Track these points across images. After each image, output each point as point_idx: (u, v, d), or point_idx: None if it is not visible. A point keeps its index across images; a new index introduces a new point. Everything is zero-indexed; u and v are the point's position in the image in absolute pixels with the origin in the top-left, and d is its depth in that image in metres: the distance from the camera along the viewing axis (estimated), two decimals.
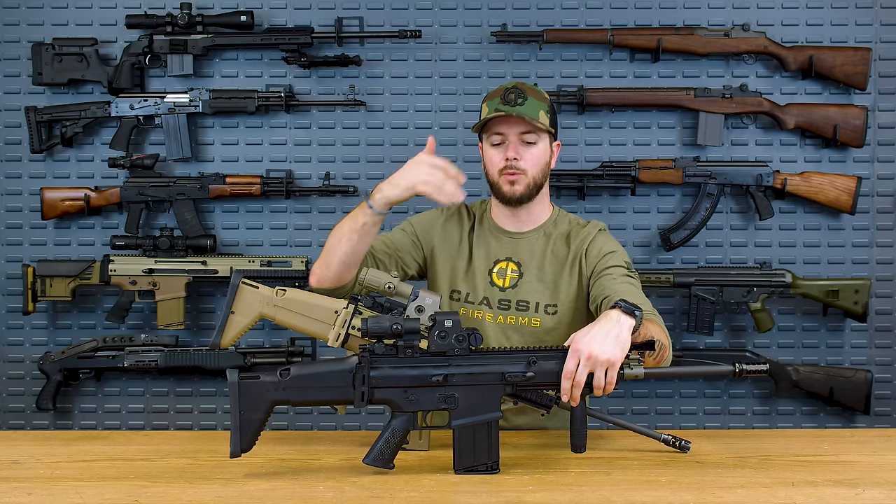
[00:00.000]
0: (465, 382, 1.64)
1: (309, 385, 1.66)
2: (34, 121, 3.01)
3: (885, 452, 1.83)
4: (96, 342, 2.97)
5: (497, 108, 2.01)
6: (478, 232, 2.16)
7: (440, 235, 2.17)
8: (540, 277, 2.09)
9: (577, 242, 2.12)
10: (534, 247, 2.12)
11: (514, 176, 2.04)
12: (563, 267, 2.10)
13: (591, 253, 2.09)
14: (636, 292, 1.97)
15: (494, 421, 1.63)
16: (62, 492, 1.57)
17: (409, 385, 1.63)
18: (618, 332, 1.65)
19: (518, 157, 2.03)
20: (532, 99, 2.03)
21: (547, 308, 2.07)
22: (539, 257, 2.11)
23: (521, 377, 1.64)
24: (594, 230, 2.14)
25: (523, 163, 2.04)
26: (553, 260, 2.11)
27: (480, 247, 2.14)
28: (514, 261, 2.11)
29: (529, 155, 2.04)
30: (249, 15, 2.99)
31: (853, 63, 2.95)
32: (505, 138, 2.04)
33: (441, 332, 1.64)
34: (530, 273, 2.09)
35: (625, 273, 2.02)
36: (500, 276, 2.10)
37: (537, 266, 2.10)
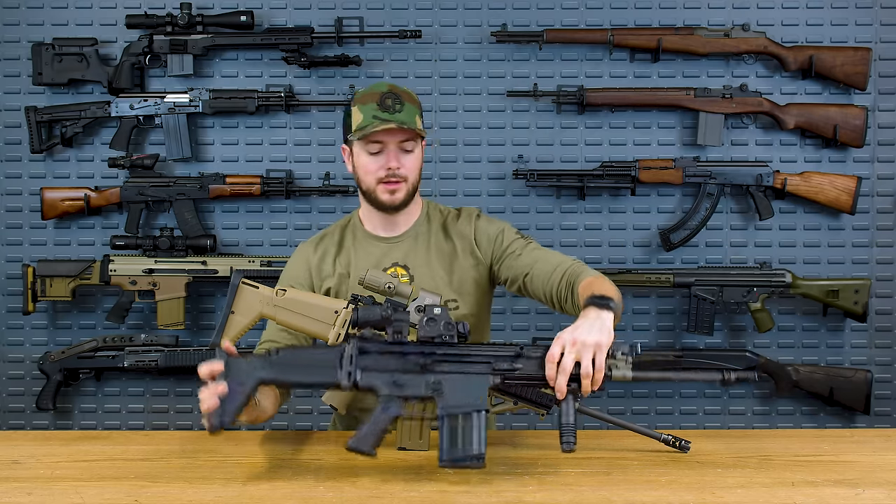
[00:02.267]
0: (452, 370, 1.63)
1: (296, 364, 1.64)
2: (34, 121, 3.01)
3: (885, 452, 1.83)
4: (96, 342, 2.97)
5: (375, 114, 1.95)
6: (353, 246, 2.11)
7: (314, 273, 2.10)
8: (431, 275, 2.06)
9: (459, 234, 2.10)
10: (414, 247, 2.09)
11: (396, 185, 2.00)
12: (452, 260, 2.07)
13: (483, 242, 2.09)
14: (547, 252, 2.03)
15: (481, 413, 1.61)
16: (62, 492, 1.57)
17: (395, 369, 1.62)
18: (601, 324, 1.69)
19: (399, 165, 1.99)
20: (408, 104, 1.98)
21: (448, 304, 2.04)
22: (423, 255, 2.08)
23: (508, 367, 1.63)
24: (472, 219, 2.12)
25: (403, 170, 2.00)
26: (439, 255, 2.08)
27: (361, 260, 2.08)
28: (400, 265, 2.07)
29: (409, 162, 2.01)
30: (249, 15, 2.99)
31: (853, 63, 2.95)
32: (384, 147, 1.99)
33: (430, 318, 1.64)
34: (421, 273, 2.06)
35: (524, 243, 2.06)
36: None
37: (424, 264, 2.07)
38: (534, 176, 2.97)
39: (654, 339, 3.10)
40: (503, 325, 3.10)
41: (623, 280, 2.97)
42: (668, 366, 1.73)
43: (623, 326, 3.10)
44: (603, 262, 3.07)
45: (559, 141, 3.07)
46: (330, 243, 2.14)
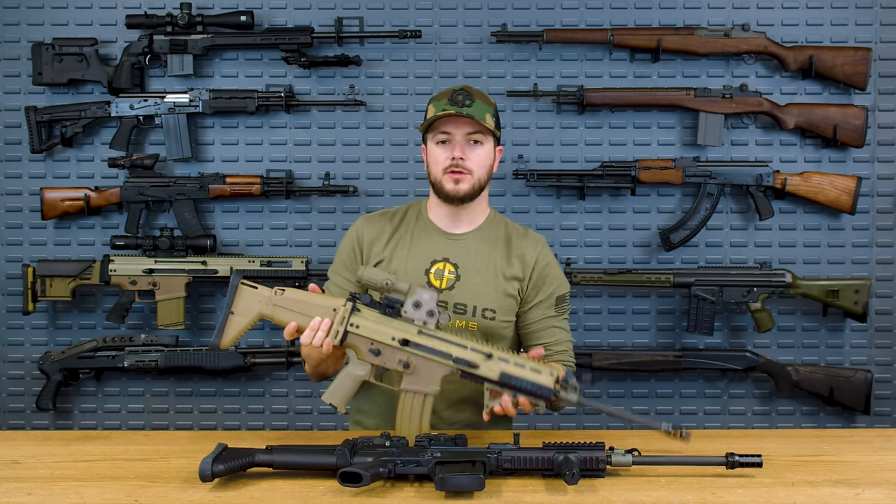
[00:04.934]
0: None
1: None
2: (34, 121, 3.02)
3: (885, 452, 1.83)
4: (96, 342, 2.97)
5: (444, 108, 2.02)
6: (413, 231, 2.13)
7: (366, 247, 2.13)
8: (478, 280, 2.07)
9: (520, 252, 2.12)
10: (472, 248, 2.10)
11: (460, 175, 2.03)
12: (503, 272, 2.09)
13: (535, 269, 2.11)
14: (564, 336, 2.16)
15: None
16: (62, 492, 1.57)
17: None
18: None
19: (464, 156, 2.03)
20: (479, 101, 2.04)
21: (485, 312, 2.05)
22: (477, 259, 2.09)
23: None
24: (540, 245, 2.15)
25: (469, 162, 2.04)
26: (492, 263, 2.09)
27: (416, 246, 2.11)
28: (451, 262, 2.08)
29: (475, 155, 2.05)
30: (249, 15, 2.99)
31: (853, 63, 2.95)
32: (451, 137, 2.04)
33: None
34: (468, 275, 2.07)
35: (563, 315, 2.16)
36: (437, 277, 2.07)
37: (475, 269, 2.08)
38: (534, 176, 2.97)
39: (654, 339, 3.10)
40: None
41: (623, 280, 2.97)
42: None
43: (623, 326, 3.10)
44: (603, 261, 3.07)
45: (559, 141, 3.07)
46: (389, 223, 2.16)
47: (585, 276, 2.96)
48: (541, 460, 1.60)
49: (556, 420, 3.10)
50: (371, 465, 1.57)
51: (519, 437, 1.64)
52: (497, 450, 1.61)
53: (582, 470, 1.58)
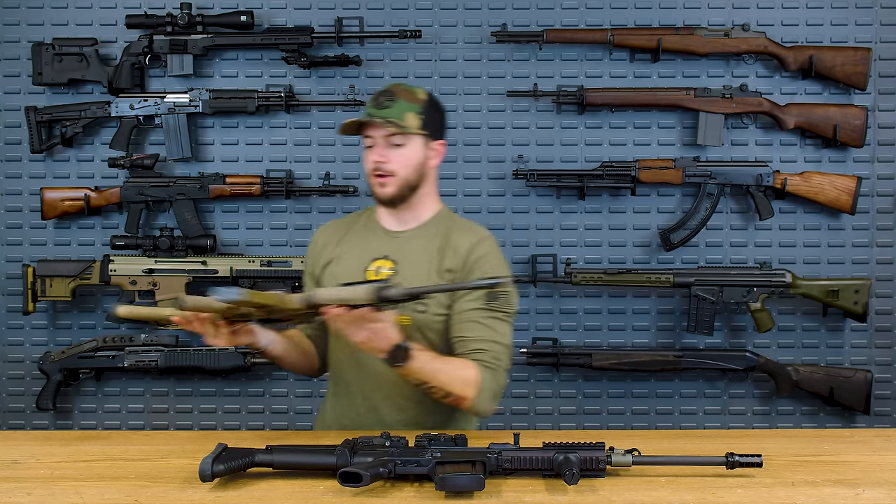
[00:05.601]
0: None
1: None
2: (34, 121, 3.02)
3: (885, 452, 1.83)
4: (96, 342, 2.97)
5: (367, 111, 2.03)
6: (361, 232, 2.16)
7: (319, 251, 2.18)
8: (413, 275, 2.04)
9: (455, 244, 2.07)
10: (411, 245, 2.09)
11: (383, 178, 2.04)
12: (437, 266, 2.06)
13: (467, 261, 2.05)
14: (486, 334, 2.00)
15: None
16: (62, 492, 1.57)
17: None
18: (387, 345, 1.82)
19: (384, 159, 2.03)
20: (401, 101, 2.02)
21: (416, 306, 2.03)
22: (415, 255, 2.08)
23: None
24: (478, 237, 2.09)
25: (390, 165, 2.03)
26: (428, 258, 2.07)
27: (357, 247, 2.13)
28: (390, 258, 2.08)
29: (397, 156, 2.03)
30: (249, 15, 2.99)
31: (853, 63, 2.95)
32: (374, 141, 2.04)
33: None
34: (404, 271, 2.06)
35: (494, 313, 2.02)
36: (375, 274, 2.07)
37: (412, 264, 2.07)
38: (534, 176, 2.97)
39: (654, 339, 3.10)
40: None
41: (623, 280, 2.97)
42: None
43: (623, 326, 3.10)
44: (603, 261, 3.07)
45: (559, 141, 3.07)
46: (343, 227, 2.20)
47: (585, 276, 2.96)
48: (541, 460, 1.60)
49: (556, 420, 3.11)
50: (371, 465, 1.57)
51: (519, 436, 1.64)
52: (497, 450, 1.61)
53: (582, 470, 1.57)
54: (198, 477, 1.57)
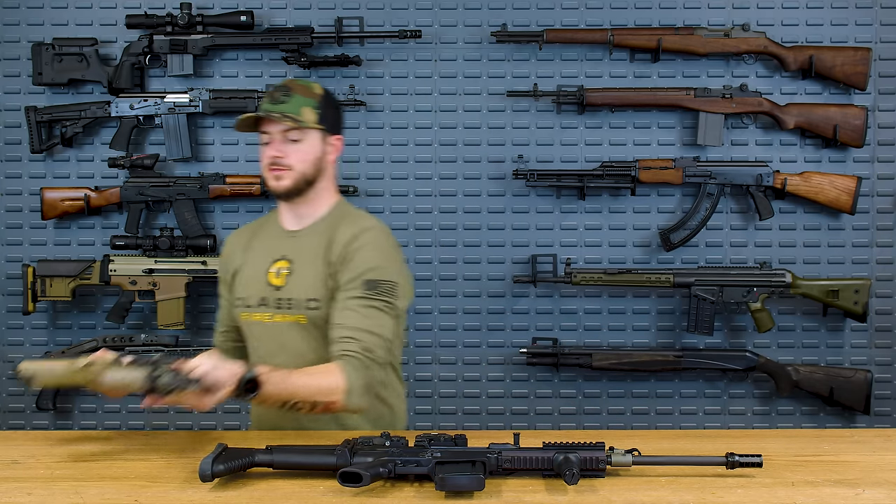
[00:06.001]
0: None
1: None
2: (34, 121, 3.02)
3: (885, 452, 1.83)
4: (96, 342, 2.97)
5: (262, 106, 2.03)
6: (261, 236, 2.16)
7: (228, 260, 2.19)
8: (307, 273, 2.05)
9: (339, 235, 2.04)
10: (305, 243, 2.09)
11: (279, 171, 2.03)
12: (326, 260, 2.04)
13: (347, 251, 2.01)
14: (357, 321, 1.95)
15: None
16: (62, 492, 1.57)
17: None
18: (223, 387, 1.75)
19: (281, 154, 2.03)
20: (297, 96, 2.02)
21: (309, 303, 2.03)
22: (309, 252, 2.07)
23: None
24: (362, 227, 2.05)
25: (287, 159, 2.03)
26: (319, 254, 2.06)
27: (260, 250, 2.13)
28: (287, 258, 2.08)
29: (294, 151, 2.03)
30: (249, 15, 2.99)
31: (853, 63, 2.95)
32: (271, 136, 2.04)
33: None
34: (299, 269, 2.06)
35: (372, 301, 1.97)
36: (276, 275, 2.07)
37: (307, 262, 2.06)
38: (534, 176, 2.97)
39: (654, 339, 3.10)
40: (502, 325, 3.10)
41: (623, 280, 2.97)
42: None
43: (623, 326, 3.10)
44: (603, 261, 3.07)
45: (559, 141, 3.07)
46: (247, 232, 2.21)
47: (585, 276, 2.96)
48: (541, 460, 1.60)
49: (556, 420, 3.11)
50: (371, 465, 1.57)
51: (519, 436, 1.64)
52: (497, 450, 1.61)
53: (582, 470, 1.57)
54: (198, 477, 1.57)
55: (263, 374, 1.78)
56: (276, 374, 1.81)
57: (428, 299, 3.10)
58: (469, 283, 3.10)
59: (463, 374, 3.12)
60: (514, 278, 3.02)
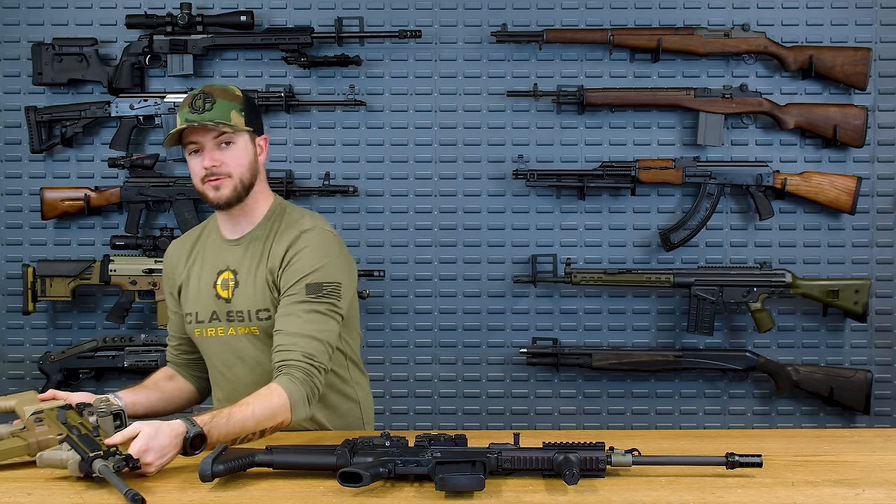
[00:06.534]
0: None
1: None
2: (34, 121, 3.02)
3: (885, 452, 1.83)
4: (96, 342, 2.97)
5: (186, 117, 1.93)
6: (205, 245, 2.10)
7: (171, 272, 2.13)
8: (251, 283, 2.00)
9: (280, 241, 2.00)
10: (247, 252, 2.03)
11: (218, 181, 1.97)
12: (266, 269, 2.00)
13: (290, 255, 1.98)
14: (298, 327, 1.91)
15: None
16: (62, 492, 1.57)
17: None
18: (168, 453, 1.64)
19: (217, 162, 1.96)
20: (221, 100, 1.95)
21: (259, 314, 1.99)
22: (251, 261, 2.02)
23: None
24: (301, 230, 2.01)
25: (224, 167, 1.97)
26: (263, 262, 2.01)
27: (206, 261, 2.07)
28: (231, 269, 2.03)
29: (229, 157, 1.97)
30: (249, 15, 2.99)
31: (853, 63, 2.95)
32: (200, 146, 1.96)
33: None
34: (245, 280, 2.01)
35: (315, 306, 1.93)
36: (223, 288, 2.02)
37: (250, 271, 2.01)
38: (534, 176, 2.97)
39: (654, 339, 3.10)
40: (502, 325, 3.10)
41: (623, 280, 2.97)
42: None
43: (623, 326, 3.10)
44: (603, 261, 3.07)
45: (559, 141, 3.07)
46: (187, 242, 2.14)
47: (585, 276, 2.96)
48: (541, 460, 1.60)
49: (556, 420, 3.11)
50: (371, 465, 1.57)
51: (519, 437, 1.64)
52: (497, 450, 1.61)
53: (582, 470, 1.57)
54: (198, 477, 1.57)
55: (206, 424, 1.67)
56: (218, 419, 1.71)
57: (428, 299, 3.10)
58: (469, 283, 3.10)
59: (463, 374, 3.12)
60: (514, 278, 3.02)
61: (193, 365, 2.18)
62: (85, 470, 1.57)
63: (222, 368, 2.05)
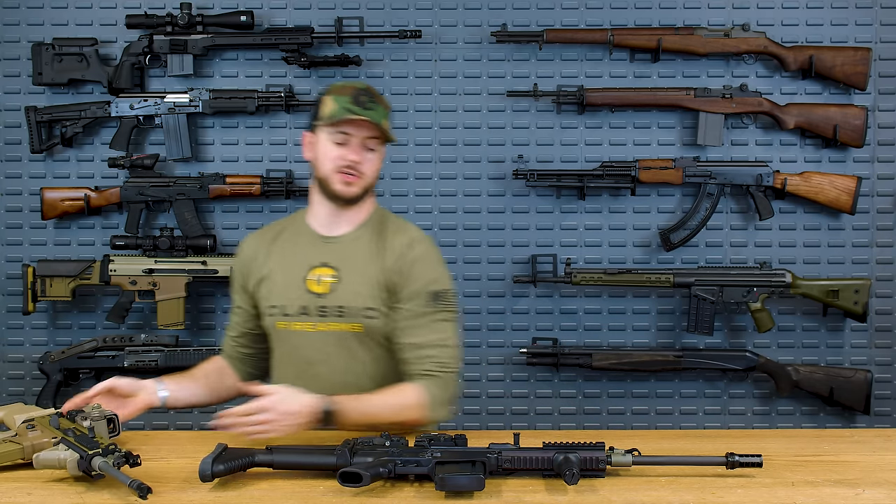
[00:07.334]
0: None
1: None
2: (34, 121, 3.02)
3: (885, 452, 1.83)
4: (96, 342, 2.97)
5: (347, 107, 1.96)
6: (291, 240, 2.10)
7: (248, 265, 2.13)
8: (357, 280, 2.02)
9: (392, 246, 2.03)
10: (349, 250, 2.05)
11: (352, 178, 1.99)
12: (378, 269, 2.02)
13: (403, 264, 2.01)
14: (433, 338, 1.98)
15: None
16: (62, 492, 1.57)
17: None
18: (298, 422, 1.80)
19: (360, 160, 1.99)
20: (380, 106, 1.99)
21: (366, 312, 2.00)
22: (355, 260, 2.04)
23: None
24: (412, 238, 2.05)
25: (362, 166, 1.99)
26: (369, 262, 2.03)
27: (294, 255, 2.07)
28: (330, 265, 2.03)
29: (369, 159, 2.00)
30: (249, 15, 2.99)
31: (853, 63, 2.95)
32: (348, 139, 1.98)
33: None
34: (348, 277, 2.02)
35: (439, 314, 2.00)
36: (317, 283, 2.02)
37: (354, 269, 2.03)
38: (534, 176, 2.97)
39: (654, 339, 3.10)
40: (502, 325, 3.10)
41: (623, 280, 2.97)
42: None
43: (623, 326, 3.10)
44: (603, 261, 3.07)
45: (559, 141, 3.07)
46: (268, 237, 2.14)
47: (585, 276, 2.96)
48: (541, 460, 1.60)
49: (556, 420, 3.11)
50: (371, 465, 1.57)
51: (519, 436, 1.64)
52: (497, 450, 1.61)
53: (582, 470, 1.58)
54: (198, 477, 1.57)
55: (337, 403, 1.82)
56: (352, 401, 1.84)
57: None
58: (469, 283, 3.10)
59: (463, 374, 3.11)
60: (514, 278, 3.02)
61: (249, 360, 2.17)
62: (84, 468, 1.57)
63: (303, 365, 2.03)
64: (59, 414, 1.76)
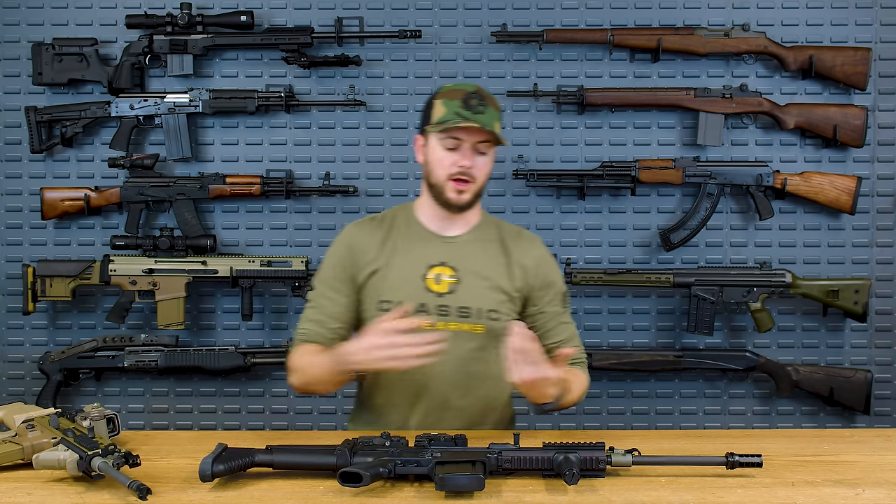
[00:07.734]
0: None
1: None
2: (34, 121, 3.02)
3: (885, 452, 1.83)
4: (96, 342, 2.97)
5: (458, 111, 1.94)
6: (405, 236, 2.08)
7: (358, 255, 2.07)
8: (478, 283, 2.03)
9: (518, 255, 2.09)
10: (468, 251, 2.06)
11: (465, 185, 1.99)
12: (502, 275, 2.05)
13: (538, 274, 2.09)
14: (568, 329, 2.14)
15: None
16: (62, 492, 1.57)
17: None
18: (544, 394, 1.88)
19: (472, 164, 1.98)
20: (491, 108, 1.97)
21: (490, 314, 2.02)
22: (475, 262, 2.05)
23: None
24: (536, 246, 2.14)
25: (475, 171, 1.99)
26: (489, 265, 2.05)
27: (410, 252, 2.05)
28: (449, 265, 2.04)
29: (481, 163, 2.00)
30: (249, 15, 2.99)
31: (853, 63, 2.95)
32: (460, 144, 1.97)
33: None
34: (468, 278, 2.03)
35: (561, 310, 2.13)
36: (436, 282, 2.02)
37: (474, 271, 2.04)
38: (534, 176, 2.97)
39: (654, 339, 3.10)
40: None
41: (623, 280, 2.97)
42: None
43: (623, 326, 3.10)
44: (603, 261, 3.07)
45: (559, 141, 3.07)
46: (379, 228, 2.11)
47: (585, 276, 2.96)
48: (541, 460, 1.60)
49: (556, 420, 3.10)
50: (371, 465, 1.57)
51: (519, 437, 1.64)
52: (497, 450, 1.61)
53: (582, 470, 1.58)
54: (198, 477, 1.57)
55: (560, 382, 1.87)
56: (563, 381, 1.89)
57: None
58: None
59: None
60: None
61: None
62: (84, 468, 1.57)
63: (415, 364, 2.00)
64: (58, 413, 1.76)
